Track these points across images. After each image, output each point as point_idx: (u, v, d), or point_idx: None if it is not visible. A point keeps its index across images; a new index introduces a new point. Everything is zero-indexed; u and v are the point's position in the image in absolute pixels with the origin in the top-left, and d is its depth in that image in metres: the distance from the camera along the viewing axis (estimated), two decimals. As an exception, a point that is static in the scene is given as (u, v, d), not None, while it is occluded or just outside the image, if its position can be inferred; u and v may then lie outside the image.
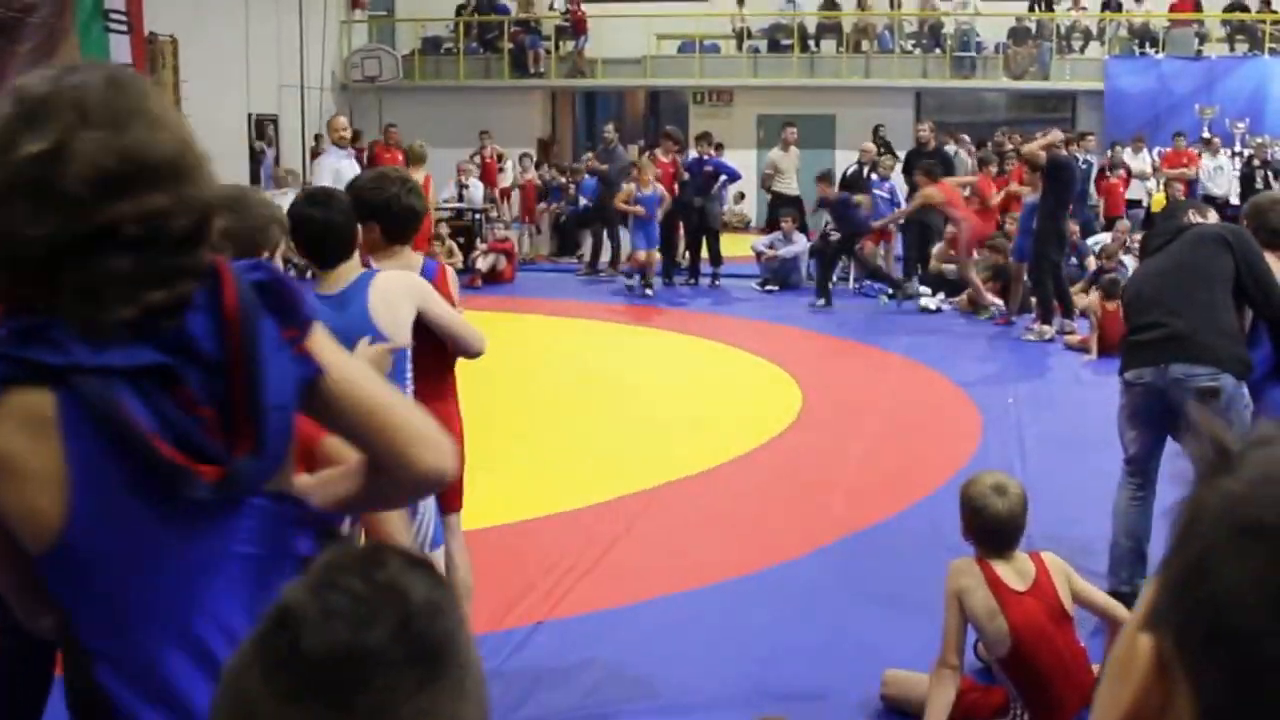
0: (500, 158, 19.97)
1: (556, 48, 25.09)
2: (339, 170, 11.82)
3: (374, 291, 3.60)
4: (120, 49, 18.21)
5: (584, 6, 24.77)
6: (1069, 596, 3.65)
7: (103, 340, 1.57)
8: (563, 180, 20.09)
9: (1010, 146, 16.83)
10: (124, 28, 18.23)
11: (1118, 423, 5.22)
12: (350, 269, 3.65)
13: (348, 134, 10.73)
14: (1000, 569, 3.65)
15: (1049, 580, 3.64)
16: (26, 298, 1.60)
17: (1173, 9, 23.09)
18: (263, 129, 21.53)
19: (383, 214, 3.95)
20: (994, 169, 15.93)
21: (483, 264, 16.30)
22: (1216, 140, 19.50)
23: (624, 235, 17.03)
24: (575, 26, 24.58)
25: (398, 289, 3.67)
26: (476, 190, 18.79)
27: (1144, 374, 5.01)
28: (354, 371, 1.79)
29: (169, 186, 1.60)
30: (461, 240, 17.21)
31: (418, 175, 18.72)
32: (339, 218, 3.63)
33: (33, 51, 17.75)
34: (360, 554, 1.22)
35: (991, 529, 3.66)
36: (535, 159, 22.08)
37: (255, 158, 20.98)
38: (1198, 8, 23.01)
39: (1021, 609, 3.58)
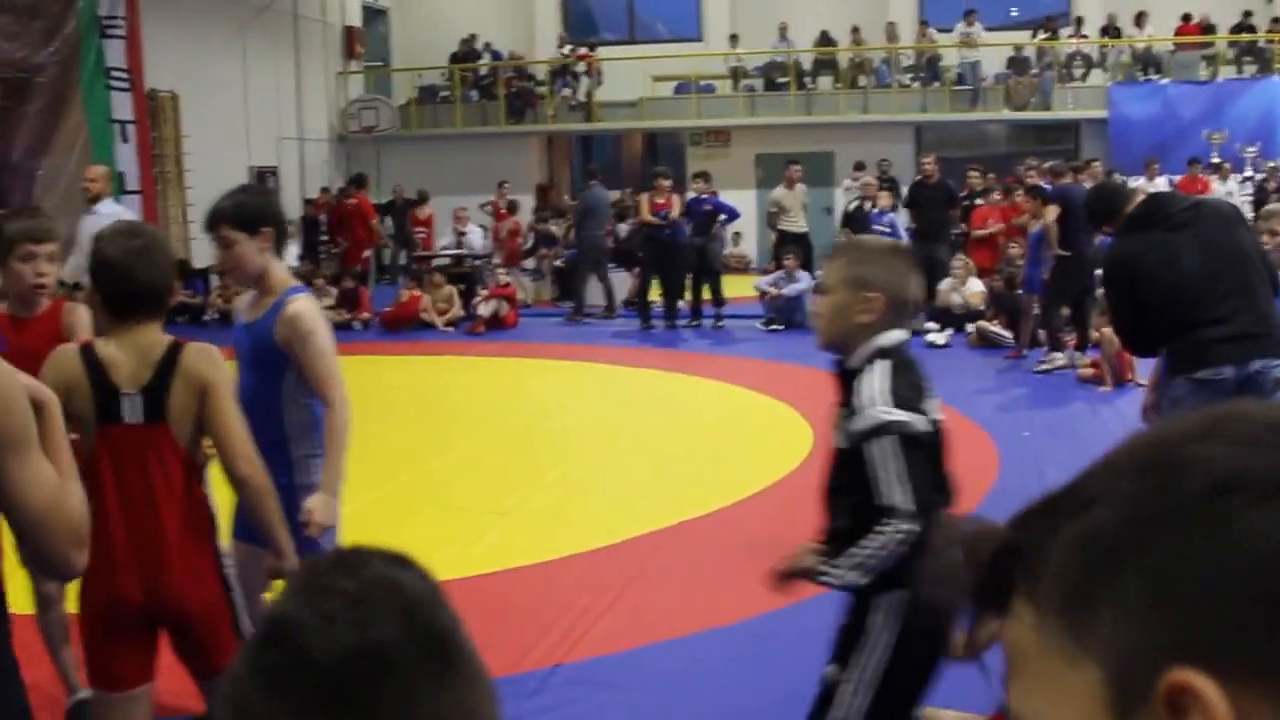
0: (513, 206, 19.93)
1: (552, 93, 25.15)
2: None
3: None
4: (122, 106, 18.27)
5: (584, 49, 24.86)
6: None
7: None
8: (554, 227, 20.05)
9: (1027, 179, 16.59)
10: (125, 85, 18.30)
11: None
12: None
13: (95, 185, 9.98)
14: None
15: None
16: None
17: (1177, 32, 22.84)
18: (263, 181, 21.56)
19: None
20: (997, 196, 15.86)
21: (484, 310, 16.23)
22: (1227, 165, 19.29)
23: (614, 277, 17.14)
24: (588, 70, 24.64)
25: None
26: (474, 236, 18.77)
27: (1223, 370, 4.95)
28: None
29: None
30: (462, 287, 17.16)
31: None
32: None
33: (41, 111, 17.84)
34: (338, 556, 1.14)
35: None
36: (534, 204, 22.10)
37: (255, 210, 21.01)
38: (1205, 30, 22.73)
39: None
